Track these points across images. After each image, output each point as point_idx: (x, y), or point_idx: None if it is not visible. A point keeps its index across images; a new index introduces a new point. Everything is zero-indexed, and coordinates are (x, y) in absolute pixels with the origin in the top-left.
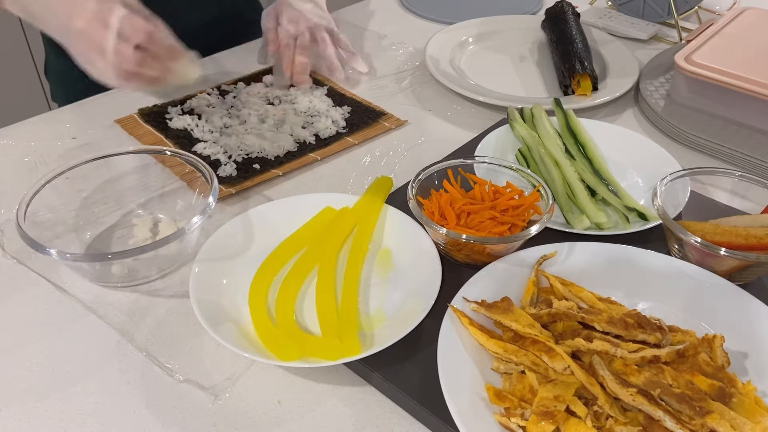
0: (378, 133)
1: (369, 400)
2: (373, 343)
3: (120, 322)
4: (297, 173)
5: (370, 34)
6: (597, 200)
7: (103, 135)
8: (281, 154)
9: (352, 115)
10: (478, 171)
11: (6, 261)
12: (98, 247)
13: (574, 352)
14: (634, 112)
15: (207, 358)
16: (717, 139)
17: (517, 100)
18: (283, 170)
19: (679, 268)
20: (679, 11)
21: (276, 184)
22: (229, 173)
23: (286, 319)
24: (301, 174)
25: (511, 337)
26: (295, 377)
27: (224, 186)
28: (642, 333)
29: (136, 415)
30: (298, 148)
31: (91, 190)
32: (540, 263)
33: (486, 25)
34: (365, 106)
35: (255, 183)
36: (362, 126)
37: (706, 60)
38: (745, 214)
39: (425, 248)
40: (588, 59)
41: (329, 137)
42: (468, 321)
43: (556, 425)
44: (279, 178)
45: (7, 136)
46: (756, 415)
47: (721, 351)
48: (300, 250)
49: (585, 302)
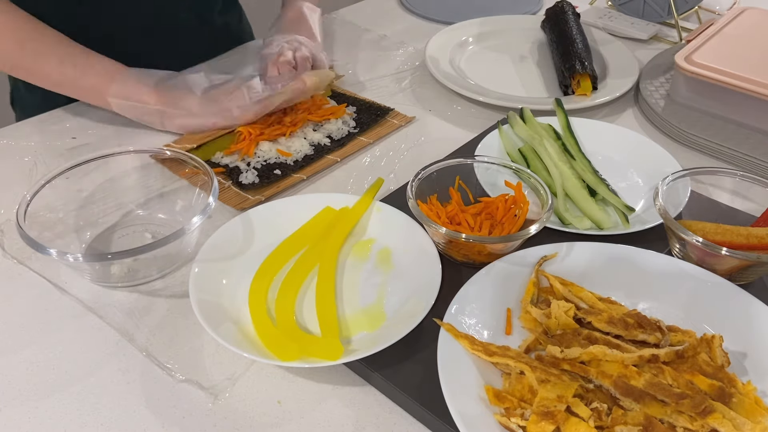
0: (390, 131)
1: (369, 400)
2: (373, 343)
3: (120, 322)
4: (318, 176)
5: (370, 34)
6: (597, 200)
7: (103, 135)
8: (299, 159)
9: (359, 114)
10: (478, 171)
11: (6, 261)
12: (98, 247)
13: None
14: (634, 112)
15: (207, 358)
16: (717, 139)
17: (517, 100)
18: (307, 173)
19: (679, 268)
20: (679, 11)
21: (300, 189)
22: (251, 180)
23: (286, 319)
24: (324, 176)
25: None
26: (295, 377)
27: (250, 194)
28: (642, 333)
29: (136, 415)
30: (315, 151)
31: (91, 190)
32: (540, 264)
33: (486, 25)
34: (369, 104)
35: (281, 189)
36: (372, 124)
37: (706, 60)
38: (747, 214)
39: (425, 248)
40: (588, 59)
41: (342, 138)
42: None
43: (556, 425)
44: (303, 182)
45: (7, 136)
46: (756, 415)
47: (720, 351)
48: (300, 250)
49: (585, 302)
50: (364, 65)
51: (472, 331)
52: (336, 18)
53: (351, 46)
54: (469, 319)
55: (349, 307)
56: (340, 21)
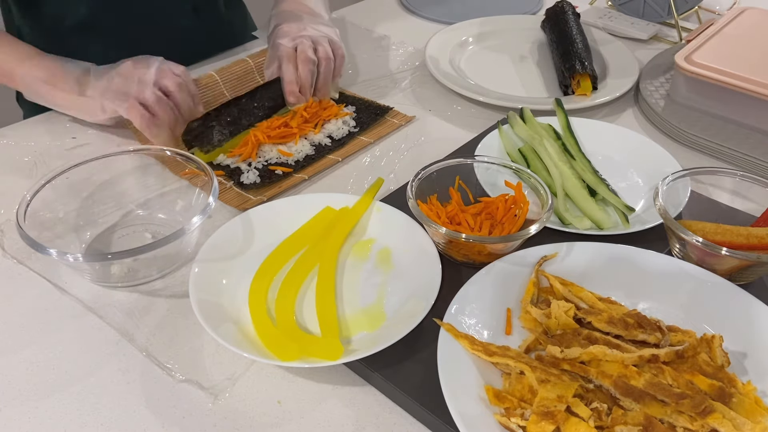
0: (390, 131)
1: (369, 400)
2: (373, 343)
3: (120, 322)
4: (318, 176)
5: (370, 34)
6: (597, 200)
7: (103, 135)
8: (300, 159)
9: (358, 113)
10: (478, 171)
11: (6, 261)
12: (98, 247)
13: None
14: (634, 112)
15: (207, 358)
16: (717, 139)
17: (517, 100)
18: (308, 173)
19: (679, 268)
20: (679, 11)
21: (301, 189)
22: (252, 180)
23: (286, 319)
24: (324, 176)
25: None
26: (295, 377)
27: (252, 194)
28: (642, 333)
29: (136, 415)
30: (316, 151)
31: (91, 190)
32: (540, 264)
33: (486, 25)
34: (368, 102)
35: (283, 189)
36: (371, 124)
37: (706, 60)
38: (747, 214)
39: (425, 248)
40: (588, 59)
41: (343, 137)
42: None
43: (556, 425)
44: (304, 182)
45: (7, 136)
46: (756, 415)
47: (720, 351)
48: (300, 250)
49: (585, 302)
50: (364, 65)
51: (472, 331)
52: (336, 18)
53: (351, 46)
54: (469, 319)
55: (349, 307)
56: (340, 21)
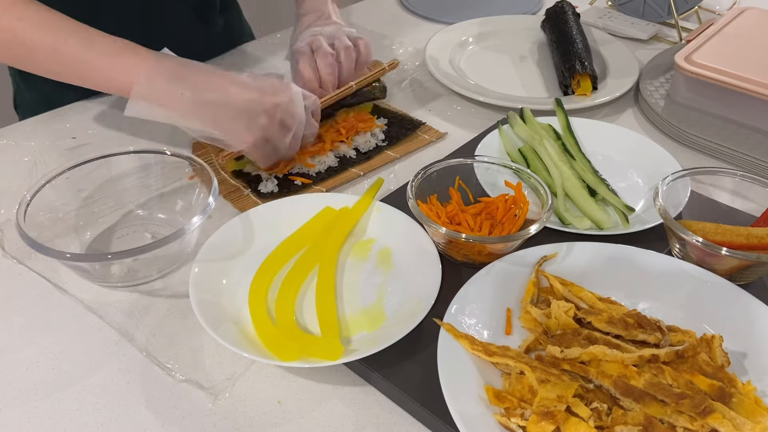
0: (419, 147)
1: (369, 400)
2: (373, 343)
3: (120, 322)
4: (339, 189)
5: (370, 34)
6: (597, 200)
7: (103, 135)
8: (322, 170)
9: (389, 127)
10: (478, 171)
11: (6, 261)
12: (98, 247)
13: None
14: (634, 112)
15: (207, 358)
16: (717, 139)
17: (517, 100)
18: (327, 186)
19: (679, 268)
20: (679, 11)
21: None
22: (270, 189)
23: (286, 319)
24: (342, 190)
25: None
26: (295, 377)
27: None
28: (642, 333)
29: (136, 415)
30: (339, 163)
31: (91, 190)
32: (540, 264)
33: (486, 25)
34: (402, 116)
35: None
36: (401, 138)
37: (706, 60)
38: (747, 214)
39: (425, 248)
40: (588, 59)
41: (369, 151)
42: (459, 334)
43: (556, 425)
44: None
45: (7, 136)
46: (756, 415)
47: (720, 351)
48: (300, 250)
49: (585, 302)
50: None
51: (472, 331)
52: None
53: None
54: (469, 319)
55: (349, 307)
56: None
